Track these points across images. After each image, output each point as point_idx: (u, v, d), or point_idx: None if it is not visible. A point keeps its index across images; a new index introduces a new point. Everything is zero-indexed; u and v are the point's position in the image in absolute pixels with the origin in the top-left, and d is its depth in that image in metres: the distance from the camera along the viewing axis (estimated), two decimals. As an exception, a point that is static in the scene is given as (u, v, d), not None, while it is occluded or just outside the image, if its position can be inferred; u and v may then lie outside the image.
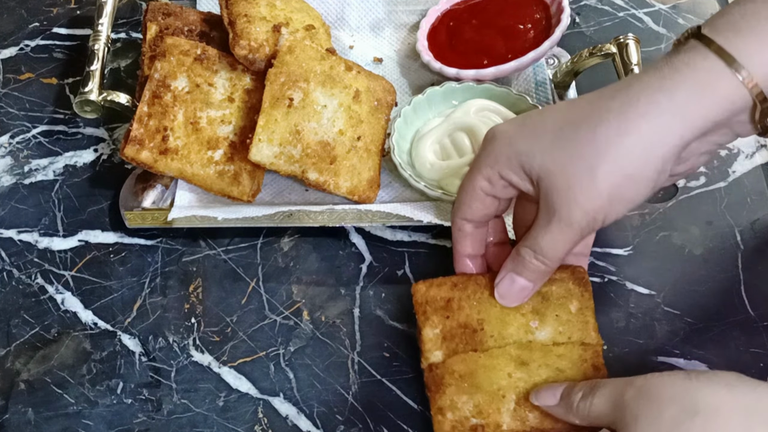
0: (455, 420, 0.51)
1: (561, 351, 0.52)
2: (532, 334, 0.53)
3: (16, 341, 0.65)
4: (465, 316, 0.53)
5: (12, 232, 0.70)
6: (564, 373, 0.52)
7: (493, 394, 0.51)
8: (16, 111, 0.77)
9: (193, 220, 0.66)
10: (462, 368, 0.52)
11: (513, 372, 0.52)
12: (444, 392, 0.51)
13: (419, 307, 0.53)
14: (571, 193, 0.46)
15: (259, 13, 0.68)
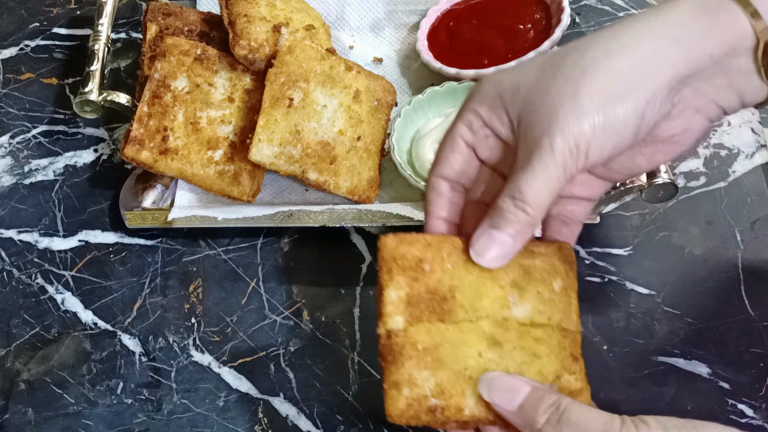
0: (412, 398, 0.44)
1: (539, 334, 0.46)
2: (509, 310, 0.46)
3: (17, 341, 0.65)
4: (436, 280, 0.45)
5: (12, 232, 0.70)
6: (540, 360, 0.45)
7: (459, 374, 0.44)
8: (17, 111, 0.77)
9: (193, 220, 0.66)
10: (426, 340, 0.44)
11: (484, 351, 0.45)
12: (402, 365, 0.44)
13: (385, 263, 0.46)
14: (554, 117, 0.41)
15: (259, 13, 0.68)
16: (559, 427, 0.40)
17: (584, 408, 0.41)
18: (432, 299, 0.45)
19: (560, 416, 0.40)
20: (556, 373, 0.45)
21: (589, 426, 0.40)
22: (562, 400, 0.41)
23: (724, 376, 0.61)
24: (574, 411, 0.40)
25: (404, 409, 0.44)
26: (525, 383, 0.43)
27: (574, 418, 0.40)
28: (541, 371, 0.45)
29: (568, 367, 0.46)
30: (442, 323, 0.45)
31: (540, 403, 0.41)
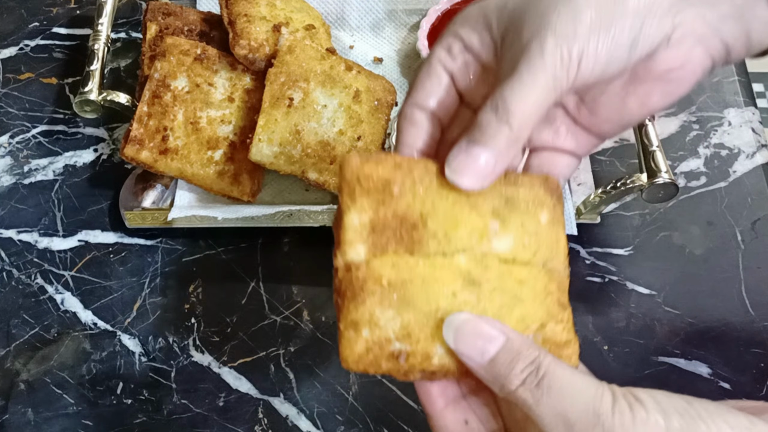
0: (372, 341, 0.37)
1: (523, 274, 0.39)
2: (489, 242, 0.40)
3: (16, 341, 0.64)
4: (405, 205, 0.39)
5: (12, 232, 0.70)
6: (523, 304, 0.39)
7: (429, 316, 0.38)
8: (16, 111, 0.77)
9: (193, 220, 0.66)
10: (392, 275, 0.38)
11: (459, 291, 0.38)
12: (363, 302, 0.38)
13: (347, 185, 0.39)
14: (545, 20, 0.37)
15: (259, 12, 0.68)
16: (537, 393, 0.34)
17: (569, 373, 0.35)
18: (400, 226, 0.39)
19: (539, 380, 0.34)
20: (541, 320, 0.39)
21: (573, 397, 0.34)
22: (544, 358, 0.35)
23: (725, 377, 0.61)
24: (557, 376, 0.34)
25: (362, 353, 0.37)
26: (500, 331, 0.36)
27: (556, 384, 0.34)
28: (523, 318, 0.39)
29: (555, 315, 0.39)
30: (411, 256, 0.39)
31: (517, 359, 0.35)
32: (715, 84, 0.77)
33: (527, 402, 0.34)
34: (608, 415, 0.33)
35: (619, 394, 0.34)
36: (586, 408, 0.33)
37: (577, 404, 0.33)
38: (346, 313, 0.38)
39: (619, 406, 0.33)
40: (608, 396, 0.34)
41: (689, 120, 0.75)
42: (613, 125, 0.42)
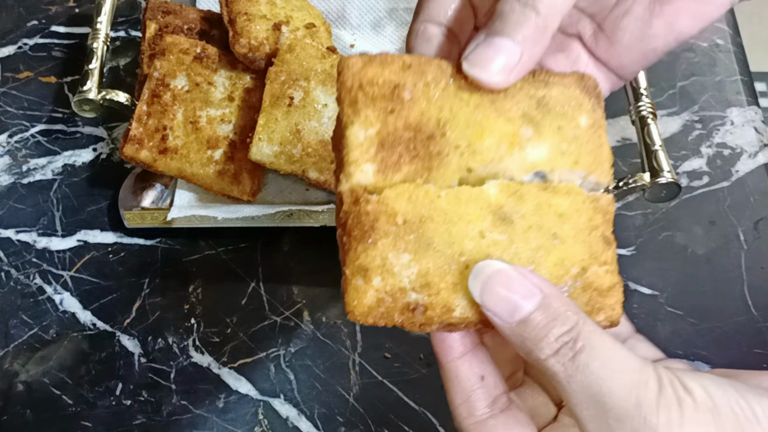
0: (384, 291, 0.32)
1: (564, 206, 0.34)
2: (522, 152, 0.34)
3: (15, 342, 0.64)
4: (418, 113, 0.33)
5: (10, 232, 0.70)
6: (562, 244, 0.34)
7: (452, 261, 0.33)
8: (15, 110, 0.76)
9: (193, 219, 0.66)
10: (408, 211, 0.32)
11: (488, 230, 0.33)
12: (374, 244, 0.32)
13: (347, 93, 0.33)
14: None
15: (259, 11, 0.68)
16: (571, 368, 0.30)
17: (611, 348, 0.30)
18: (413, 139, 0.33)
19: (576, 353, 0.30)
20: (582, 263, 0.34)
21: (613, 380, 0.29)
22: (583, 326, 0.30)
23: (728, 377, 0.61)
24: (597, 351, 0.30)
25: (372, 305, 0.33)
26: (536, 287, 0.31)
27: (594, 362, 0.30)
28: (561, 261, 0.34)
29: (598, 256, 0.34)
30: (430, 185, 0.33)
31: (552, 324, 0.30)
32: (717, 83, 0.77)
33: (558, 375, 0.30)
34: (652, 408, 0.29)
35: (666, 381, 0.30)
36: (627, 396, 0.29)
37: (616, 389, 0.29)
38: (353, 255, 0.32)
39: (665, 397, 0.29)
40: (653, 383, 0.29)
41: (692, 119, 0.75)
42: (635, 56, 0.37)
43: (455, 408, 0.35)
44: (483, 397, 0.34)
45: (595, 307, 0.34)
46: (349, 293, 0.33)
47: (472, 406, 0.34)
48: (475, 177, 0.34)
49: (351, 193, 0.33)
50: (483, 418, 0.34)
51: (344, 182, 0.33)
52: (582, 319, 0.31)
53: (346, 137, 0.33)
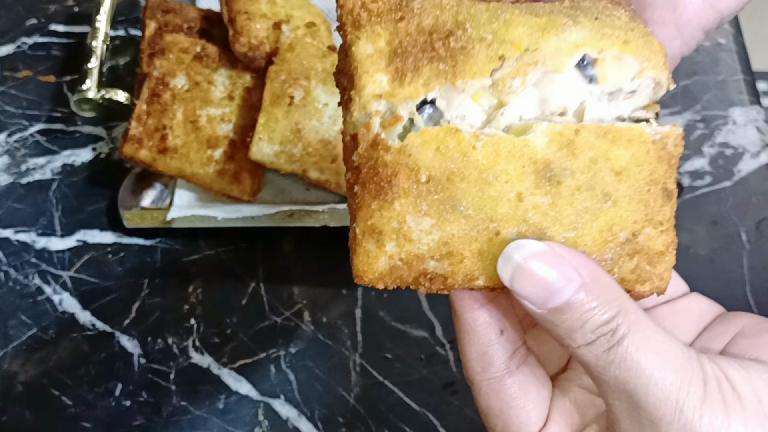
0: (399, 257, 0.29)
1: (624, 159, 0.29)
2: (559, 34, 0.29)
3: (14, 343, 0.64)
4: (432, 18, 0.29)
5: (9, 232, 0.69)
6: (616, 206, 0.29)
7: (480, 227, 0.28)
8: (14, 109, 0.76)
9: (193, 219, 0.66)
10: (435, 164, 0.28)
11: (528, 192, 0.28)
12: (391, 203, 0.28)
13: (349, 15, 0.29)
14: None
15: (260, 10, 0.67)
16: (605, 360, 0.27)
17: (653, 343, 0.27)
18: (430, 40, 0.28)
19: (612, 346, 0.27)
20: (634, 227, 0.29)
21: (651, 380, 0.26)
22: (625, 318, 0.27)
23: (730, 378, 0.61)
24: (637, 347, 0.27)
25: (383, 272, 0.29)
26: (572, 272, 0.27)
27: (633, 357, 0.27)
28: (610, 226, 0.29)
29: (655, 214, 0.29)
30: (464, 133, 0.28)
31: (589, 315, 0.27)
32: (719, 82, 0.77)
33: (589, 364, 0.28)
34: (695, 414, 0.26)
35: (712, 380, 0.27)
36: (666, 398, 0.26)
37: (654, 390, 0.26)
38: (365, 213, 0.28)
39: (710, 402, 0.26)
40: (697, 385, 0.27)
41: (694, 119, 0.75)
42: (669, 33, 0.34)
43: (468, 360, 0.32)
44: (500, 353, 0.31)
45: (641, 276, 0.30)
46: (358, 256, 0.29)
47: (487, 362, 0.32)
48: (510, 70, 0.29)
49: (368, 132, 0.28)
50: (498, 375, 0.32)
51: (355, 109, 0.28)
52: (624, 307, 0.27)
53: (351, 56, 0.28)
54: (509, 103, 0.29)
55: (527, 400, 0.32)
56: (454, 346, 0.63)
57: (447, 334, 0.63)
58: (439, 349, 0.63)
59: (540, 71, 0.29)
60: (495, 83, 0.29)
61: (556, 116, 0.30)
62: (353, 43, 0.28)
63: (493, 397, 0.32)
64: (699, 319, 0.34)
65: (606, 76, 0.30)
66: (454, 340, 0.63)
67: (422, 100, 0.28)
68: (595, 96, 0.30)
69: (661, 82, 0.31)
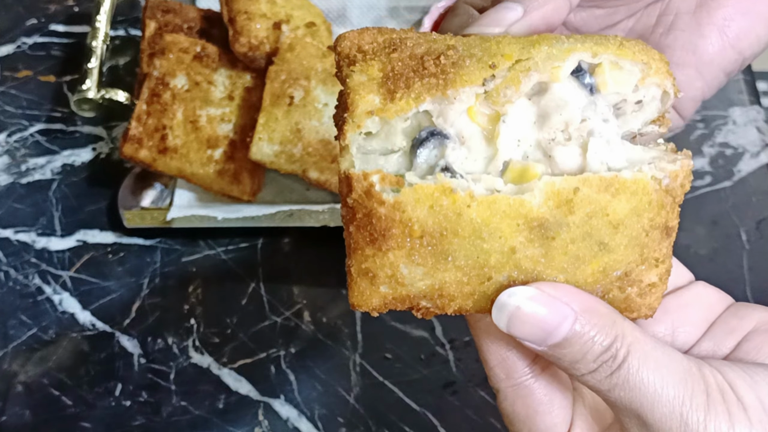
0: (392, 296, 0.30)
1: (623, 212, 0.28)
2: (553, 44, 0.29)
3: (13, 343, 0.64)
4: (425, 47, 0.30)
5: (9, 232, 0.69)
6: (611, 253, 0.29)
7: (471, 273, 0.29)
8: (14, 109, 0.76)
9: (193, 219, 0.66)
10: (429, 221, 0.28)
11: (520, 246, 0.28)
12: (385, 253, 0.28)
13: (345, 58, 0.30)
14: None
15: (260, 10, 0.67)
16: (609, 383, 0.28)
17: (653, 361, 0.28)
18: (421, 62, 0.29)
19: (613, 372, 0.28)
20: (628, 267, 0.29)
21: (655, 397, 0.27)
22: (623, 343, 0.28)
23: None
24: (637, 367, 0.28)
25: (378, 306, 0.30)
26: (566, 309, 0.28)
27: (635, 378, 0.27)
28: (604, 268, 0.29)
29: (652, 252, 0.29)
30: (455, 197, 0.27)
31: (588, 346, 0.28)
32: (719, 82, 0.77)
33: (596, 389, 0.29)
34: (698, 426, 0.27)
35: (715, 391, 0.27)
36: (671, 413, 0.27)
37: (658, 406, 0.27)
38: (359, 256, 0.29)
39: (714, 413, 0.27)
40: (700, 397, 0.27)
41: (694, 119, 0.75)
42: (690, 74, 0.34)
43: (491, 369, 0.32)
44: (521, 357, 0.31)
45: (630, 306, 0.30)
46: (353, 291, 0.30)
47: (510, 367, 0.32)
48: (503, 80, 0.28)
49: (363, 180, 0.28)
50: (523, 380, 0.32)
51: (349, 124, 0.28)
52: (621, 330, 0.28)
53: (346, 87, 0.29)
54: (506, 114, 0.29)
55: (553, 404, 0.32)
56: (454, 346, 0.63)
57: (447, 334, 0.63)
58: (439, 349, 0.62)
59: (533, 78, 0.29)
60: (489, 93, 0.29)
61: (558, 141, 0.29)
62: (348, 76, 0.29)
63: (519, 403, 0.32)
64: (708, 309, 0.34)
65: (606, 83, 0.29)
66: (454, 340, 0.63)
67: (422, 137, 0.29)
68: (600, 113, 0.29)
69: (667, 89, 0.30)
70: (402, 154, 0.29)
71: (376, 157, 0.29)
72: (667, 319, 0.32)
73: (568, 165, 0.29)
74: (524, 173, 0.29)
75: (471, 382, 0.61)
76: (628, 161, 0.29)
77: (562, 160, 0.29)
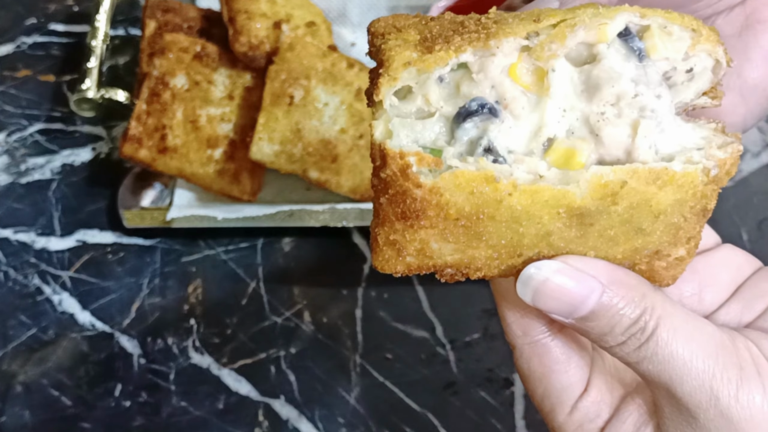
0: (417, 264, 0.29)
1: (666, 203, 0.28)
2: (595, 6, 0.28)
3: (13, 343, 0.64)
4: (461, 18, 0.30)
5: (8, 232, 0.69)
6: (647, 236, 0.29)
7: (502, 251, 0.29)
8: (13, 109, 0.76)
9: (193, 219, 0.65)
10: (466, 204, 0.27)
11: (557, 231, 0.28)
12: (416, 231, 0.28)
13: (379, 37, 0.29)
14: None
15: (260, 9, 0.67)
16: (638, 355, 0.27)
17: (684, 333, 0.27)
18: (461, 24, 0.28)
19: (643, 342, 0.27)
20: (660, 246, 0.29)
21: (684, 370, 0.27)
22: (651, 315, 0.28)
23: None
24: (666, 341, 0.27)
25: (401, 270, 0.30)
26: (593, 282, 0.28)
27: (664, 350, 0.27)
28: (636, 248, 0.29)
29: (686, 233, 0.29)
30: (496, 186, 0.26)
31: (616, 318, 0.28)
32: (720, 82, 0.76)
33: (625, 361, 0.28)
34: (731, 401, 0.26)
35: (750, 367, 0.27)
36: (701, 386, 0.27)
37: (689, 380, 0.27)
38: (389, 228, 0.28)
39: (748, 386, 0.26)
40: (733, 372, 0.27)
41: (694, 118, 0.75)
42: (734, 99, 0.33)
43: (508, 325, 0.32)
44: (541, 315, 0.31)
45: (654, 277, 0.30)
46: (378, 256, 0.29)
47: (528, 324, 0.31)
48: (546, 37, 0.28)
49: (400, 158, 0.26)
50: (540, 338, 0.31)
51: (384, 78, 0.27)
52: (650, 302, 0.28)
53: (381, 53, 0.28)
54: (553, 69, 0.27)
55: (569, 363, 0.31)
56: (454, 346, 0.62)
57: (448, 335, 0.63)
58: (439, 350, 0.62)
59: (580, 35, 0.27)
60: (532, 50, 0.28)
61: (607, 117, 0.28)
62: (384, 43, 0.28)
63: (536, 361, 0.31)
64: (737, 270, 0.33)
65: (656, 47, 0.28)
66: (455, 341, 0.63)
67: (471, 108, 0.27)
68: (652, 87, 0.28)
69: (719, 58, 0.29)
70: (440, 120, 0.28)
71: (412, 122, 0.27)
72: (695, 279, 0.32)
73: (616, 147, 0.28)
74: (569, 158, 0.28)
75: (472, 383, 0.61)
76: (678, 144, 0.28)
77: (610, 142, 0.28)
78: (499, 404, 0.60)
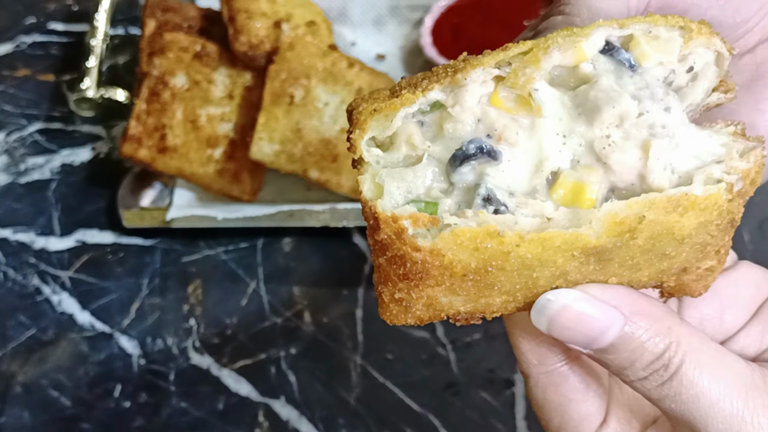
0: (426, 315, 0.28)
1: (690, 227, 0.26)
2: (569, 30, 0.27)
3: (12, 343, 0.63)
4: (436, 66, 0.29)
5: (8, 232, 0.69)
6: (672, 259, 0.27)
7: (521, 295, 0.28)
8: (13, 108, 0.76)
9: (193, 219, 0.65)
10: (472, 260, 0.26)
11: (573, 270, 0.27)
12: (421, 290, 0.27)
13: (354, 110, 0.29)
14: None
15: (260, 8, 0.67)
16: (661, 392, 0.26)
17: (709, 371, 0.26)
18: (430, 72, 0.28)
19: (666, 380, 0.26)
20: (687, 264, 0.28)
21: (709, 411, 0.25)
22: (677, 351, 0.26)
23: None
24: (691, 379, 0.26)
25: (412, 323, 0.29)
26: (614, 313, 0.26)
27: (689, 390, 0.26)
28: (661, 271, 0.27)
29: (714, 247, 0.27)
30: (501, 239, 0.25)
31: (638, 352, 0.26)
32: (721, 82, 0.76)
33: (646, 396, 0.27)
34: None
35: None
36: (728, 429, 0.26)
37: (714, 422, 0.26)
38: (392, 286, 0.27)
39: None
40: (765, 418, 0.25)
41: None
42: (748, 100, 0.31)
43: (522, 354, 0.31)
44: (557, 343, 0.29)
45: (684, 289, 0.29)
46: (385, 311, 0.28)
47: (543, 353, 0.30)
48: (521, 61, 0.26)
49: (393, 221, 0.25)
50: (558, 367, 0.30)
51: (356, 136, 0.26)
52: (676, 336, 0.26)
53: (354, 118, 0.28)
54: (534, 89, 0.26)
55: (588, 392, 0.30)
56: (455, 347, 0.62)
57: (448, 335, 0.63)
58: (440, 350, 0.62)
59: (555, 56, 0.26)
60: (507, 78, 0.27)
61: (614, 141, 0.26)
62: (356, 110, 0.28)
63: (552, 390, 0.30)
64: (756, 289, 0.32)
65: (645, 54, 0.27)
66: (456, 341, 0.62)
67: (469, 152, 0.26)
68: (658, 99, 0.26)
69: (719, 48, 0.27)
70: (431, 163, 0.27)
71: (401, 171, 0.27)
72: (715, 301, 0.31)
73: (627, 173, 0.26)
74: (578, 194, 0.26)
75: (472, 383, 0.61)
76: (696, 157, 0.27)
77: (620, 168, 0.26)
78: (499, 405, 0.60)
